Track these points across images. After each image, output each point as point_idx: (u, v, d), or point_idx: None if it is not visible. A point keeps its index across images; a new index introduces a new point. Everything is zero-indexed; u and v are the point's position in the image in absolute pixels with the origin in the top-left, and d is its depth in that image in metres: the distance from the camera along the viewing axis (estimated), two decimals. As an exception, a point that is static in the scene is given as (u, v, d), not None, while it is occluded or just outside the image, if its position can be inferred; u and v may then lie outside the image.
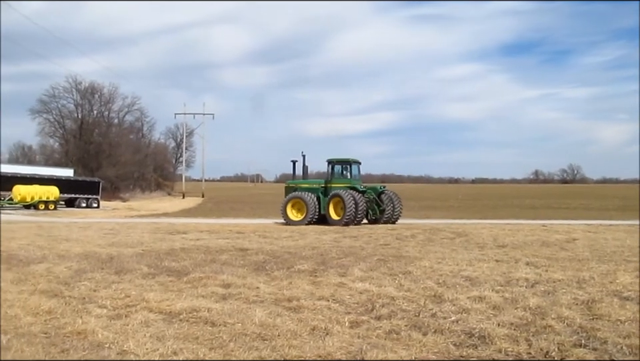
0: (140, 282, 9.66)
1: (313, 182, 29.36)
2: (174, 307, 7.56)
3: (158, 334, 6.28)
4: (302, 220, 26.67)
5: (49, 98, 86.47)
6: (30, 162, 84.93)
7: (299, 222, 26.43)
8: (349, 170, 29.01)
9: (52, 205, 45.07)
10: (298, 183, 29.14)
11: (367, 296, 8.58)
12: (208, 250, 14.46)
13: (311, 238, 18.69)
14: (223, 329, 6.54)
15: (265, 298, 8.34)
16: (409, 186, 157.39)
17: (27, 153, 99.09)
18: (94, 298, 8.27)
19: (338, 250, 14.68)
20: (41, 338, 6.10)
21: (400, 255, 13.73)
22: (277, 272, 10.81)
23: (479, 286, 9.47)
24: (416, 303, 8.09)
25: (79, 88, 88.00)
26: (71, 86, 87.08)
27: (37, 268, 11.00)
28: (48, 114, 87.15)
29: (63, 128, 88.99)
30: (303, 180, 29.71)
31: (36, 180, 48.06)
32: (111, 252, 13.80)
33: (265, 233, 20.55)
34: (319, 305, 7.86)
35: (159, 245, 15.85)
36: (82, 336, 6.18)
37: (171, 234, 20.07)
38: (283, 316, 7.21)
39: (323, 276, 10.38)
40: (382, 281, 9.92)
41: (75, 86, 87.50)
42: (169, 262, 12.02)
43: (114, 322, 6.81)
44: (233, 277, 10.08)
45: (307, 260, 12.47)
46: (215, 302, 8.03)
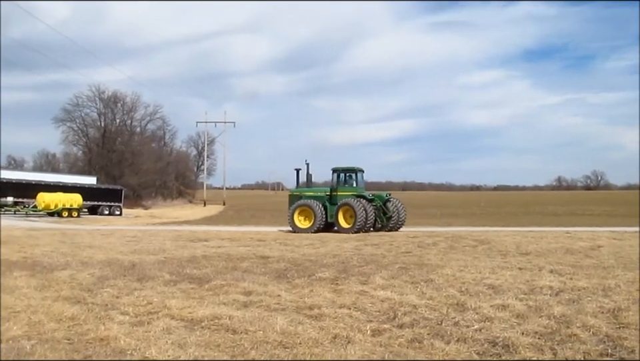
0: (162, 289, 9.68)
1: (317, 190, 29.62)
2: (195, 314, 7.56)
3: (180, 341, 6.29)
4: (309, 227, 26.87)
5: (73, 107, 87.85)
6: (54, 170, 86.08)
7: (306, 229, 26.59)
8: (353, 178, 29.24)
9: (75, 212, 45.59)
10: (302, 191, 29.30)
11: (389, 304, 8.51)
12: (229, 258, 14.48)
13: (331, 245, 18.64)
14: (244, 337, 6.52)
15: (286, 306, 8.31)
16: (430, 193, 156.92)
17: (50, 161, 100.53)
18: (116, 304, 8.31)
19: (359, 258, 14.62)
20: (64, 344, 6.13)
21: (422, 263, 13.63)
22: (298, 280, 10.79)
23: (502, 294, 9.35)
24: (438, 311, 8.01)
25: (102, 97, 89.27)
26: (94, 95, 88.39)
27: (61, 274, 11.09)
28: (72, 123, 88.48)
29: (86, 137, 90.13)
30: (307, 188, 29.89)
31: (60, 187, 48.68)
32: (133, 259, 13.87)
33: (285, 241, 20.56)
34: (341, 313, 7.81)
35: (180, 252, 15.91)
36: (104, 342, 6.20)
37: (192, 241, 20.16)
38: (304, 324, 7.17)
39: (344, 284, 10.32)
40: (404, 289, 9.83)
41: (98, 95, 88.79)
42: (191, 270, 12.05)
43: (136, 328, 6.83)
44: (254, 285, 10.06)
45: (328, 268, 12.42)
46: (237, 309, 8.02)
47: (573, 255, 15.47)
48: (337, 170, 29.00)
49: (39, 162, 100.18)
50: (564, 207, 66.37)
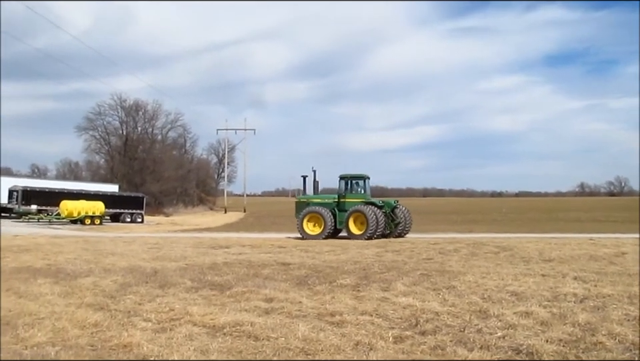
0: (184, 296, 9.73)
1: (325, 197, 29.88)
2: (217, 321, 7.58)
3: (202, 347, 6.30)
4: (319, 234, 27.11)
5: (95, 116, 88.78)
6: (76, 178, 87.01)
7: (315, 236, 26.83)
8: (360, 185, 29.56)
9: (98, 220, 46.00)
10: (309, 198, 29.54)
11: (411, 311, 8.47)
12: (250, 265, 14.50)
13: (352, 252, 18.60)
14: (266, 343, 6.52)
15: (308, 313, 8.31)
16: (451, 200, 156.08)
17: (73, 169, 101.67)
18: (139, 311, 8.36)
19: (380, 265, 14.56)
20: (87, 351, 6.18)
21: (443, 269, 13.54)
22: (320, 287, 10.77)
23: (525, 301, 9.26)
24: (461, 318, 7.95)
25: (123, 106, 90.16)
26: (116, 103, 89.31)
27: (84, 281, 11.18)
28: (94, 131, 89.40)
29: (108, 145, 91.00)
30: (314, 195, 30.15)
31: (82, 195, 49.18)
32: (155, 266, 13.95)
33: (306, 247, 20.55)
34: (362, 320, 7.78)
35: (201, 259, 15.97)
36: (128, 348, 6.23)
37: (213, 248, 20.23)
38: (325, 330, 7.16)
39: (365, 291, 10.30)
40: (425, 296, 9.78)
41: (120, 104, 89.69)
42: (212, 276, 12.09)
43: (159, 335, 6.86)
44: (275, 291, 10.07)
45: (349, 275, 12.39)
46: (258, 316, 8.02)
47: (597, 262, 15.27)
48: (344, 177, 29.27)
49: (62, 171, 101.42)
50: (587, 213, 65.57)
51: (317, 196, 29.85)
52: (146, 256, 16.88)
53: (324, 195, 30.46)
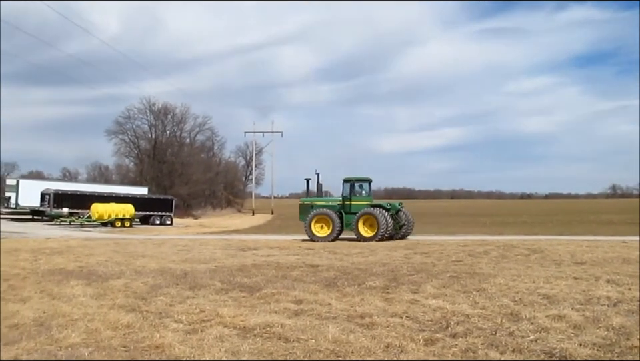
0: (214, 298, 9.79)
1: (328, 199, 30.43)
2: (248, 322, 7.61)
3: (233, 349, 6.34)
4: (327, 236, 27.34)
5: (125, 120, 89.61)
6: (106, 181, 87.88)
7: (324, 238, 27.04)
8: (363, 188, 29.88)
9: (127, 222, 46.43)
10: (314, 201, 29.70)
11: (441, 313, 8.41)
12: (279, 266, 14.55)
13: (381, 254, 18.54)
14: (296, 345, 6.53)
15: (338, 315, 8.30)
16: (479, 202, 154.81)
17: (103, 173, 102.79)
18: (170, 312, 8.43)
19: (409, 267, 14.50)
20: (120, 352, 6.25)
21: (473, 272, 13.44)
22: (349, 289, 10.76)
23: (557, 304, 9.14)
24: (492, 321, 7.87)
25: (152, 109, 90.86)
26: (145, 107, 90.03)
27: (115, 283, 11.32)
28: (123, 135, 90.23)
29: (137, 148, 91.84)
30: (317, 197, 30.43)
31: (112, 198, 49.67)
32: (185, 268, 14.06)
33: (334, 249, 20.56)
34: (392, 322, 7.75)
35: (230, 261, 16.06)
36: (160, 350, 6.29)
37: (242, 250, 20.33)
38: (356, 332, 7.15)
39: (395, 293, 10.26)
40: (456, 298, 9.72)
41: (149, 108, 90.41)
42: (241, 278, 12.16)
43: (190, 336, 6.91)
44: (304, 293, 10.09)
45: (378, 277, 12.36)
46: (288, 318, 8.04)
47: (630, 265, 15.00)
48: (349, 180, 29.50)
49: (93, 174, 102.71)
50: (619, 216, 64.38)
51: (321, 199, 30.25)
52: (175, 258, 17.01)
53: (327, 198, 31.03)
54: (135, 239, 28.40)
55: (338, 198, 29.81)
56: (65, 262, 15.15)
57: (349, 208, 28.35)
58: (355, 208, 28.13)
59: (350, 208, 28.27)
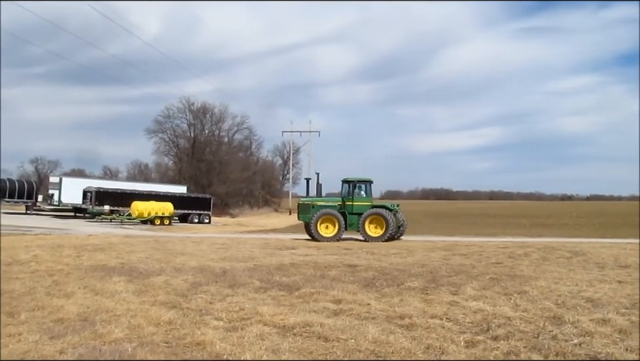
0: (253, 296, 9.85)
1: (328, 199, 30.50)
2: (287, 321, 7.64)
3: (273, 347, 6.36)
4: (333, 236, 27.50)
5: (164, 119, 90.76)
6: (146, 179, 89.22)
7: (330, 238, 27.18)
8: (364, 189, 29.86)
9: (167, 220, 46.97)
10: (314, 200, 29.69)
11: (482, 315, 8.32)
12: (317, 266, 14.57)
13: (419, 255, 18.42)
14: (336, 345, 6.53)
15: (377, 315, 8.27)
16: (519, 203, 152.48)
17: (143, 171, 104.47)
18: (210, 310, 8.50)
19: (448, 268, 14.38)
20: (163, 348, 6.33)
21: (514, 274, 13.26)
22: (387, 289, 10.72)
23: (601, 308, 8.96)
24: (534, 324, 7.76)
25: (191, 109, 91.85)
26: (185, 106, 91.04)
27: (156, 280, 11.46)
28: (163, 134, 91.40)
29: (176, 147, 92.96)
30: (318, 197, 30.52)
31: (152, 196, 50.35)
32: (224, 266, 14.17)
33: (372, 249, 20.50)
34: (432, 323, 7.70)
35: (268, 260, 16.14)
36: (201, 346, 6.35)
37: (280, 249, 20.42)
38: (395, 333, 7.11)
39: (434, 294, 10.19)
40: (496, 300, 9.61)
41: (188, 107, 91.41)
42: (280, 277, 12.20)
43: (230, 334, 6.96)
44: (343, 293, 10.08)
45: (417, 278, 12.29)
46: (327, 317, 8.04)
47: (676, 268, 14.62)
48: (350, 180, 29.65)
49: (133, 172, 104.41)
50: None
51: (321, 199, 30.32)
52: (214, 256, 17.15)
53: (327, 198, 31.18)
54: (174, 237, 28.74)
55: (338, 199, 30.08)
56: (106, 259, 15.40)
57: (350, 208, 28.58)
58: (356, 209, 28.45)
59: (352, 209, 28.51)
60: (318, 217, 27.77)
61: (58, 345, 6.32)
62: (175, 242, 23.39)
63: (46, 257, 15.35)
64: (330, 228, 27.85)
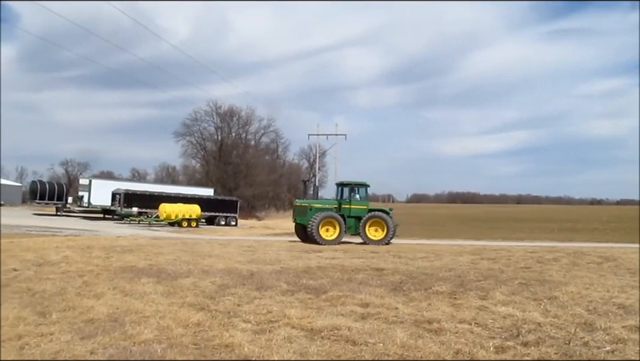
0: (280, 299, 9.85)
1: (324, 202, 30.95)
2: (315, 324, 7.62)
3: (301, 350, 6.36)
4: (335, 239, 27.53)
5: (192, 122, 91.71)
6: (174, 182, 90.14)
7: (331, 241, 27.18)
8: (360, 193, 30.02)
9: (194, 222, 47.38)
10: (310, 203, 29.92)
11: (511, 320, 8.22)
12: (344, 269, 14.54)
13: (446, 259, 18.31)
14: (364, 348, 6.50)
15: (405, 319, 8.22)
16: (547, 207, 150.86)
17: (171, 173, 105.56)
18: (238, 312, 8.52)
19: (476, 272, 14.26)
20: (192, 349, 6.36)
21: (543, 279, 13.10)
22: (415, 293, 10.65)
23: (634, 314, 8.80)
24: (565, 330, 7.64)
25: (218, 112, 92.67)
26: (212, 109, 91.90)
27: (184, 282, 11.53)
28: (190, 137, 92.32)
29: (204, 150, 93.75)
30: (314, 200, 31.19)
31: (180, 199, 50.84)
32: (251, 269, 14.21)
33: (399, 253, 20.42)
34: (461, 328, 7.62)
35: (295, 263, 16.15)
36: (229, 348, 6.37)
37: (306, 252, 20.43)
38: (424, 337, 7.06)
39: (462, 299, 10.10)
40: (526, 306, 9.48)
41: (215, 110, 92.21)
42: (307, 280, 12.19)
43: (258, 336, 6.96)
44: (370, 296, 10.04)
45: (444, 282, 12.20)
46: (355, 321, 8.01)
47: None
48: (348, 184, 29.97)
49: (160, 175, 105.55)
50: (697, 223, 61.64)
51: (318, 201, 31.03)
52: (241, 258, 17.22)
53: (324, 200, 31.89)
54: (201, 239, 28.96)
55: (333, 201, 30.23)
56: (135, 260, 15.55)
57: (348, 211, 28.73)
58: (354, 212, 28.70)
59: (350, 212, 28.66)
60: (320, 220, 27.67)
61: (89, 345, 6.39)
62: (202, 244, 23.55)
63: (76, 258, 15.55)
64: (330, 230, 27.89)
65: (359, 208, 28.92)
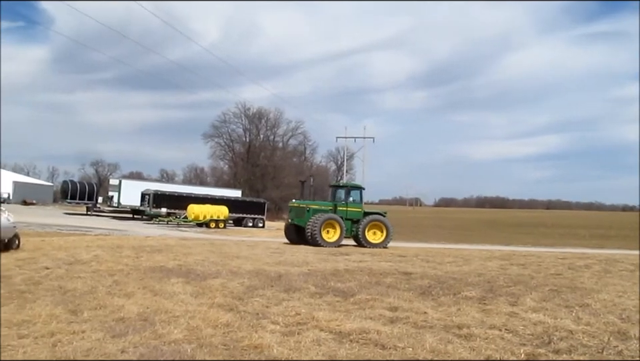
0: (308, 301, 9.86)
1: (321, 203, 30.26)
2: (343, 327, 7.60)
3: (330, 353, 6.34)
4: (335, 241, 27.28)
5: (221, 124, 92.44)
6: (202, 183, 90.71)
7: (332, 243, 26.89)
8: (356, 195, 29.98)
9: (222, 224, 47.62)
10: (309, 204, 29.52)
11: (542, 327, 8.10)
12: (371, 272, 14.49)
13: (475, 264, 18.14)
14: (393, 353, 6.46)
15: (434, 324, 8.15)
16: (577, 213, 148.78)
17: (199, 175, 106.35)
18: (266, 313, 8.54)
19: (506, 278, 14.10)
20: (221, 350, 6.38)
21: (574, 286, 12.90)
22: (444, 298, 10.57)
23: (669, 323, 8.62)
24: (598, 338, 7.50)
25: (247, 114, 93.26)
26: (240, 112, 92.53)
27: (213, 282, 11.59)
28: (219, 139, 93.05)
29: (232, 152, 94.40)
30: (311, 201, 30.88)
31: (208, 200, 51.14)
32: (279, 270, 14.24)
33: (427, 257, 20.29)
34: (491, 334, 7.53)
35: (323, 265, 16.14)
36: (258, 350, 6.38)
37: (333, 255, 20.42)
38: (454, 343, 6.99)
39: (492, 304, 9.99)
40: (557, 313, 9.34)
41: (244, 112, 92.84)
42: (335, 283, 12.17)
43: (287, 338, 6.96)
44: (399, 300, 9.99)
45: (473, 287, 12.08)
46: (383, 324, 7.97)
47: None
48: (344, 186, 30.43)
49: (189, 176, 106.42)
50: None
51: (314, 203, 30.32)
52: (269, 260, 17.26)
53: (320, 202, 31.11)
54: (229, 240, 29.09)
55: (329, 203, 29.91)
56: (164, 260, 15.67)
57: (345, 213, 28.55)
58: (350, 215, 28.59)
59: (346, 214, 28.51)
60: (322, 222, 27.36)
61: (120, 344, 6.45)
62: (230, 245, 23.66)
63: (106, 257, 15.73)
64: (331, 232, 27.66)
65: (354, 211, 28.86)
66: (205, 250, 19.98)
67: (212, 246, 22.94)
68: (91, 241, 22.24)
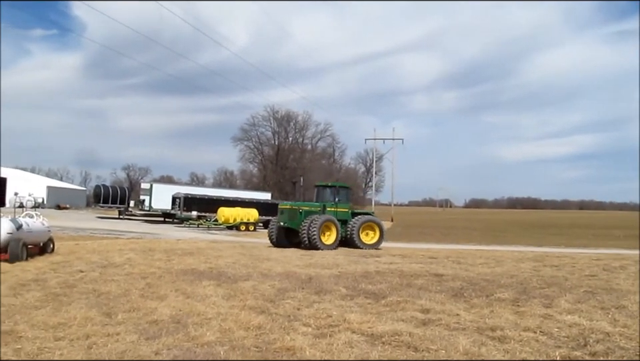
0: (339, 303, 9.83)
1: (310, 204, 29.01)
2: (375, 329, 7.58)
3: (362, 355, 6.32)
4: (331, 244, 26.14)
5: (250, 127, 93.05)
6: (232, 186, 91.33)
7: (329, 246, 25.87)
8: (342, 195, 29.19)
9: (252, 226, 47.79)
10: (300, 205, 28.54)
11: (578, 329, 7.97)
12: (402, 274, 14.41)
13: (507, 265, 17.92)
14: (426, 355, 6.41)
15: (467, 326, 8.07)
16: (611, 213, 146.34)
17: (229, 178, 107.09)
18: (298, 316, 8.55)
19: (539, 280, 13.90)
20: (253, 352, 6.41)
21: (610, 287, 12.66)
22: (476, 300, 10.46)
23: None
24: (635, 341, 7.34)
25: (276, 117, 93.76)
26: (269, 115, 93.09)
27: (244, 285, 11.64)
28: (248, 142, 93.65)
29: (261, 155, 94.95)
30: (302, 202, 30.11)
31: (238, 203, 51.40)
32: (310, 273, 14.25)
33: (458, 259, 20.11)
34: (525, 336, 7.43)
35: (353, 267, 16.11)
36: (291, 352, 6.39)
37: (364, 257, 20.35)
38: (487, 345, 6.91)
39: (525, 306, 9.85)
40: (592, 315, 9.18)
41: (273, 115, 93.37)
42: (366, 285, 12.14)
43: (319, 340, 6.96)
44: (431, 302, 9.92)
45: (506, 289, 11.94)
46: (415, 326, 7.92)
47: None
48: (332, 186, 29.59)
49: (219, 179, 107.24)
50: None
51: (305, 204, 29.37)
52: (299, 262, 17.27)
53: (309, 203, 29.79)
54: (259, 243, 29.18)
55: (316, 204, 28.64)
56: (196, 263, 15.79)
57: (334, 214, 27.68)
58: (339, 215, 27.70)
59: (335, 215, 27.62)
60: (320, 224, 26.24)
61: (154, 346, 6.52)
62: (260, 248, 23.76)
63: (138, 260, 15.91)
64: (326, 235, 26.66)
65: (343, 212, 28.07)
66: (235, 253, 20.08)
67: (242, 248, 23.06)
68: (124, 244, 22.52)
